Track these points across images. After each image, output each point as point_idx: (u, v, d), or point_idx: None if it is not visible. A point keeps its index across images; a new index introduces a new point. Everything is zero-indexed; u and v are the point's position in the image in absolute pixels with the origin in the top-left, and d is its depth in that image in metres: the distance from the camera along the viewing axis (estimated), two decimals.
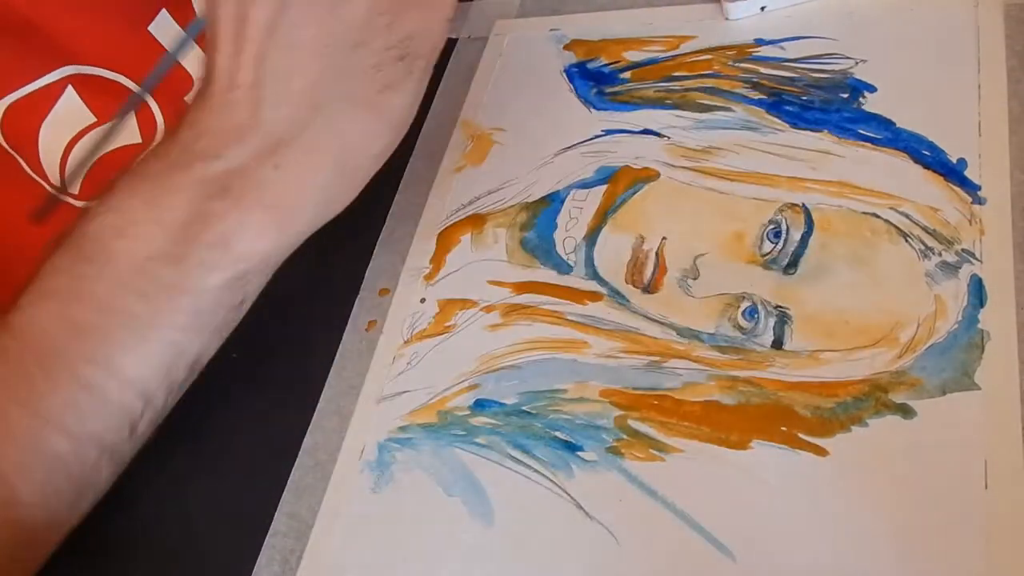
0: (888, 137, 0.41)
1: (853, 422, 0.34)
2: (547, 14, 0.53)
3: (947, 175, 0.39)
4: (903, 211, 0.38)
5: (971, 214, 0.37)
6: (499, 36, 0.53)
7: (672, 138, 0.45)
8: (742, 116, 0.44)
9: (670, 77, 0.47)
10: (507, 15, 0.54)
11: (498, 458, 0.37)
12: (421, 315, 0.44)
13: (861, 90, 0.43)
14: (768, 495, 0.33)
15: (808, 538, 0.32)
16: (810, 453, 0.34)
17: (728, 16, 0.48)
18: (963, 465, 0.32)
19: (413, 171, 0.50)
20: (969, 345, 0.34)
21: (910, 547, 0.31)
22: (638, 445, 0.36)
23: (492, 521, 0.36)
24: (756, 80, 0.45)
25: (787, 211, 0.40)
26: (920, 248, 0.37)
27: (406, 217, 0.48)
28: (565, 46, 0.51)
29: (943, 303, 0.35)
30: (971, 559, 0.30)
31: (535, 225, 0.44)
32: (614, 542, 0.34)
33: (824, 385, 0.35)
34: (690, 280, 0.39)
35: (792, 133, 0.43)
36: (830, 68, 0.44)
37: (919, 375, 0.34)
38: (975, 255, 0.36)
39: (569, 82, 0.49)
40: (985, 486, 0.31)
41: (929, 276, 0.36)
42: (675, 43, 0.48)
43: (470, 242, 0.45)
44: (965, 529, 0.30)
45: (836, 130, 0.42)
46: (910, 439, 0.33)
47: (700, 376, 0.37)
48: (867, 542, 0.31)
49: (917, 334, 0.35)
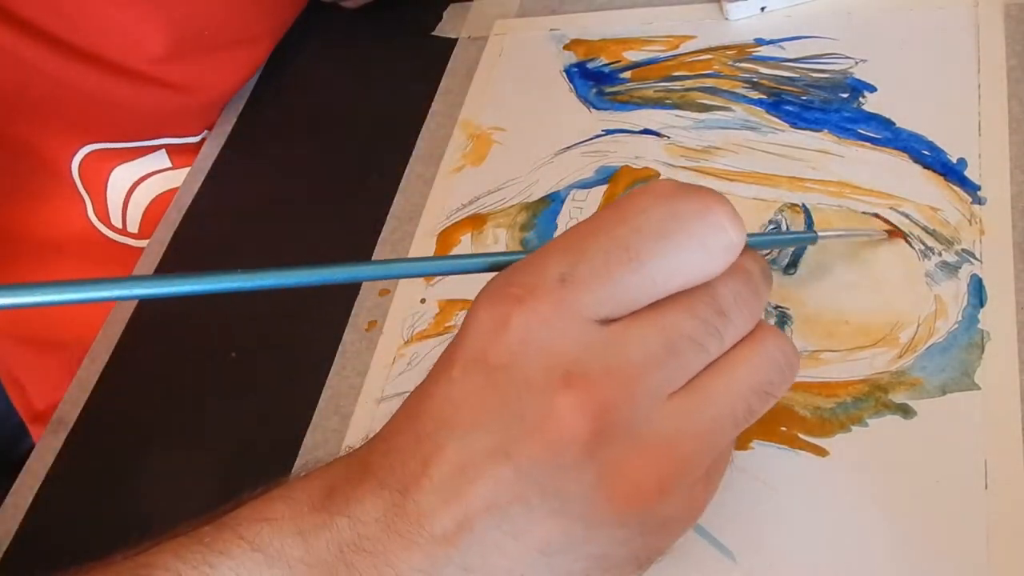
0: (888, 137, 0.41)
1: (853, 422, 0.34)
2: (547, 14, 0.53)
3: (947, 175, 0.39)
4: (903, 211, 0.38)
5: (971, 214, 0.37)
6: (499, 36, 0.53)
7: (672, 138, 0.45)
8: (742, 116, 0.44)
9: (670, 77, 0.47)
10: (507, 15, 0.54)
11: None
12: (421, 315, 0.44)
13: (861, 90, 0.43)
14: (768, 495, 0.33)
15: (808, 538, 0.32)
16: (810, 453, 0.34)
17: (728, 16, 0.48)
18: (963, 465, 0.32)
19: (413, 171, 0.50)
20: (969, 345, 0.34)
21: (910, 547, 0.31)
22: None
23: None
24: (756, 80, 0.45)
25: (787, 211, 0.40)
26: (920, 248, 0.37)
27: (406, 217, 0.48)
28: (565, 46, 0.51)
29: (943, 303, 0.35)
30: (971, 559, 0.30)
31: (535, 225, 0.44)
32: None
33: (824, 385, 0.35)
34: None
35: (792, 133, 0.43)
36: (830, 68, 0.44)
37: (919, 375, 0.34)
38: (975, 255, 0.36)
39: (569, 82, 0.49)
40: (985, 486, 0.31)
41: (929, 276, 0.36)
42: (675, 43, 0.48)
43: (470, 242, 0.45)
44: (965, 529, 0.30)
45: (836, 130, 0.42)
46: (910, 439, 0.33)
47: None
48: (867, 542, 0.31)
49: (917, 334, 0.35)
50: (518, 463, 0.27)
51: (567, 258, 0.27)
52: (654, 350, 0.27)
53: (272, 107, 0.60)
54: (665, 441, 0.27)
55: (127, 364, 0.50)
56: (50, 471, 0.47)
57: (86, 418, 0.48)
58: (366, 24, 0.60)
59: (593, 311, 0.27)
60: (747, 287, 0.28)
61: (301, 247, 0.50)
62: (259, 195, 0.55)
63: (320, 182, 0.53)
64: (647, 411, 0.27)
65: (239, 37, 0.57)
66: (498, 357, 0.27)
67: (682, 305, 0.27)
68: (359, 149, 0.53)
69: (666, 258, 0.27)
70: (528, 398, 0.27)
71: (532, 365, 0.27)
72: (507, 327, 0.27)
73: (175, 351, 0.49)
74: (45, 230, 0.59)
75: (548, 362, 0.27)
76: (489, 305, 0.28)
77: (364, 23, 0.60)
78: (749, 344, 0.28)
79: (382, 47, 0.58)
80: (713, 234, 0.27)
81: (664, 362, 0.27)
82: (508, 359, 0.27)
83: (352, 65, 0.59)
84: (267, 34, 0.60)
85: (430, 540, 0.28)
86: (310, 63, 0.61)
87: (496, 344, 0.28)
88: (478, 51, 0.53)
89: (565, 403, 0.26)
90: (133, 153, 0.59)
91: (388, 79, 0.56)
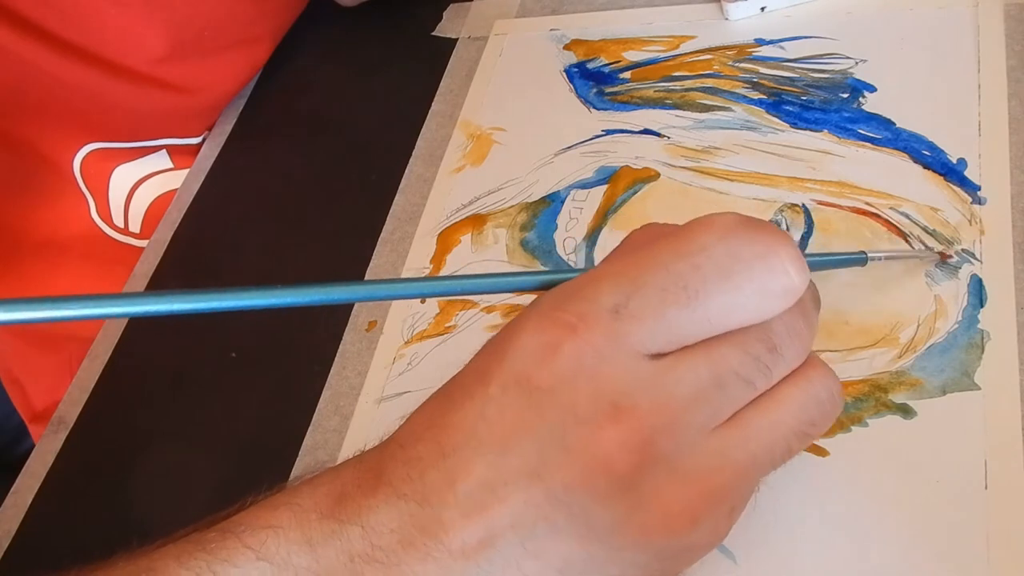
0: (888, 137, 0.41)
1: (853, 422, 0.34)
2: (547, 14, 0.53)
3: (947, 175, 0.39)
4: (903, 211, 0.38)
5: (971, 214, 0.37)
6: (499, 36, 0.53)
7: (672, 138, 0.45)
8: (742, 116, 0.44)
9: (670, 77, 0.47)
10: (507, 15, 0.54)
11: None
12: (421, 315, 0.43)
13: (861, 90, 0.43)
14: (768, 495, 0.33)
15: (808, 538, 0.32)
16: (810, 453, 0.34)
17: (728, 16, 0.48)
18: (963, 465, 0.32)
19: (413, 171, 0.50)
20: (969, 345, 0.34)
21: (910, 547, 0.31)
22: None
23: None
24: (756, 80, 0.45)
25: (787, 211, 0.40)
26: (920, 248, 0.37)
27: (406, 217, 0.48)
28: (565, 46, 0.51)
29: (943, 303, 0.35)
30: (971, 559, 0.30)
31: (535, 225, 0.44)
32: None
33: None
34: None
35: (792, 133, 0.43)
36: (830, 68, 0.44)
37: (919, 375, 0.34)
38: (975, 255, 0.36)
39: (569, 82, 0.49)
40: (985, 486, 0.31)
41: (929, 276, 0.36)
42: (675, 43, 0.48)
43: (470, 242, 0.45)
44: (965, 529, 0.30)
45: (836, 130, 0.42)
46: (910, 439, 0.33)
47: None
48: (867, 542, 0.31)
49: (917, 334, 0.35)
50: (551, 487, 0.27)
51: (622, 288, 0.27)
52: (703, 385, 0.27)
53: (272, 107, 0.60)
54: (703, 474, 0.27)
55: (127, 364, 0.50)
56: (50, 471, 0.47)
57: (86, 418, 0.48)
58: (366, 24, 0.60)
59: (645, 346, 0.27)
60: (802, 320, 0.28)
61: (301, 247, 0.50)
62: (259, 195, 0.55)
63: (320, 182, 0.53)
64: (690, 445, 0.27)
65: (239, 38, 0.57)
66: (544, 381, 0.27)
67: (734, 342, 0.27)
68: (359, 149, 0.53)
69: (724, 299, 0.26)
70: (572, 425, 0.27)
71: (580, 393, 0.27)
72: (557, 353, 0.27)
73: (175, 351, 0.49)
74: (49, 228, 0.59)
75: (596, 392, 0.27)
76: (539, 329, 0.28)
77: (364, 23, 0.60)
78: (796, 381, 0.28)
79: (382, 47, 0.58)
80: (775, 279, 0.26)
81: (711, 398, 0.27)
82: (555, 384, 0.27)
83: (352, 65, 0.59)
84: (267, 35, 0.60)
85: (448, 554, 0.28)
86: (310, 63, 0.61)
87: (543, 368, 0.27)
88: (478, 51, 0.53)
89: (611, 435, 0.26)
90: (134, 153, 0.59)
91: (388, 79, 0.56)
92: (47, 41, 0.51)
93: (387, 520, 0.28)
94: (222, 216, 0.55)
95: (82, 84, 0.53)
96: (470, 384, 0.29)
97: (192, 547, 0.29)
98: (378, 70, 0.57)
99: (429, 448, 0.29)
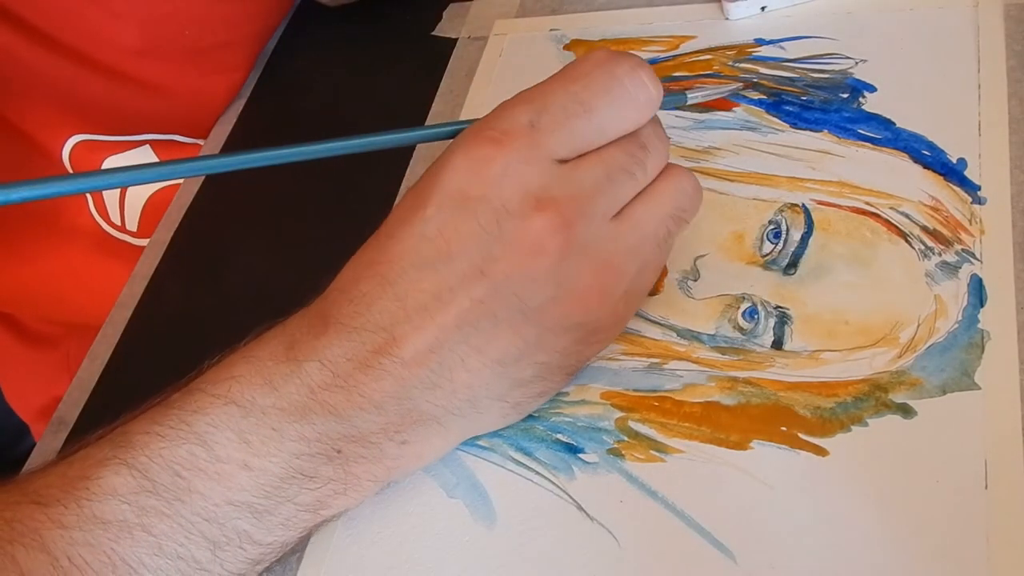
0: (888, 137, 0.41)
1: (853, 422, 0.34)
2: (547, 14, 0.53)
3: (947, 175, 0.39)
4: (903, 211, 0.38)
5: (971, 214, 0.37)
6: (499, 36, 0.53)
7: (672, 138, 0.45)
8: (742, 116, 0.44)
9: (670, 77, 0.47)
10: (507, 15, 0.54)
11: (500, 460, 0.37)
12: None
13: (861, 90, 0.43)
14: (768, 495, 0.33)
15: (808, 538, 0.32)
16: (810, 453, 0.34)
17: (728, 16, 0.48)
18: (963, 465, 0.32)
19: (414, 172, 0.50)
20: (969, 345, 0.34)
21: (910, 547, 0.31)
22: (639, 446, 0.36)
23: (494, 523, 0.36)
24: (756, 80, 0.45)
25: (787, 211, 0.40)
26: (920, 248, 0.37)
27: None
28: (565, 46, 0.51)
29: (943, 303, 0.36)
30: (971, 559, 0.30)
31: None
32: (615, 543, 0.34)
33: (824, 385, 0.35)
34: (690, 281, 0.39)
35: (792, 133, 0.43)
36: (830, 68, 0.44)
37: (919, 375, 0.34)
38: (975, 255, 0.36)
39: None
40: (985, 486, 0.31)
41: (929, 276, 0.36)
42: (675, 43, 0.48)
43: None
44: (965, 529, 0.31)
45: (836, 130, 0.42)
46: (910, 439, 0.33)
47: (700, 377, 0.37)
48: (867, 542, 0.31)
49: (917, 334, 0.35)
50: (493, 278, 0.32)
51: (534, 107, 0.33)
52: (599, 180, 0.33)
53: (272, 107, 0.60)
54: (606, 255, 0.33)
55: (127, 364, 0.50)
56: None
57: (86, 418, 0.48)
58: (366, 24, 0.60)
59: (556, 152, 0.33)
60: (660, 127, 0.35)
61: (301, 247, 0.50)
62: (259, 195, 0.55)
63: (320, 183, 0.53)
64: (595, 231, 0.33)
65: (221, 40, 0.57)
66: (476, 190, 0.32)
67: (617, 145, 0.34)
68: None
69: (609, 111, 0.33)
70: (505, 219, 0.32)
71: (509, 194, 0.32)
72: (489, 163, 0.32)
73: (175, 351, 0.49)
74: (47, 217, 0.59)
75: (523, 190, 0.32)
76: (467, 149, 0.33)
77: (364, 23, 0.60)
78: (664, 179, 0.35)
79: (382, 47, 0.58)
80: (642, 90, 0.34)
81: (606, 189, 0.33)
82: (486, 191, 0.32)
83: (352, 65, 0.59)
84: (250, 39, 0.59)
85: (401, 365, 0.32)
86: (310, 63, 0.60)
87: (476, 179, 0.32)
88: (478, 51, 0.53)
89: (540, 223, 0.32)
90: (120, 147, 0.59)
91: (388, 79, 0.56)
92: (23, 30, 0.51)
93: (342, 352, 0.32)
94: (222, 216, 0.55)
95: (58, 74, 0.53)
96: (405, 215, 0.33)
97: (161, 407, 0.33)
98: (378, 70, 0.57)
99: (372, 284, 0.33)
